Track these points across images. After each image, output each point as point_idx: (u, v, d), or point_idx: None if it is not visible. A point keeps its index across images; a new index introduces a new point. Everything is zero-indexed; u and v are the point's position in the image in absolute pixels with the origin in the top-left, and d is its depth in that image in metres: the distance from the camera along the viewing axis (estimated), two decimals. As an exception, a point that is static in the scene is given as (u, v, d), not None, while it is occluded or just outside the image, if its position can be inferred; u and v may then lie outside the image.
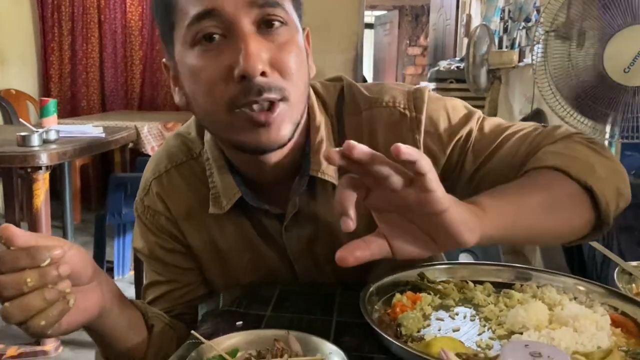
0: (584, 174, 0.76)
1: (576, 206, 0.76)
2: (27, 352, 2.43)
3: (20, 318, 0.61)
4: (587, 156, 0.79)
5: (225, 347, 0.65)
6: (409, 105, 0.89)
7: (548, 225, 0.74)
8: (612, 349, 0.66)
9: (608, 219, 0.78)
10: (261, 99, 0.73)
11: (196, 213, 0.91)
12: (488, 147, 0.87)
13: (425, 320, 0.76)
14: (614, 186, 0.78)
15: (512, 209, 0.69)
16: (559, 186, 0.76)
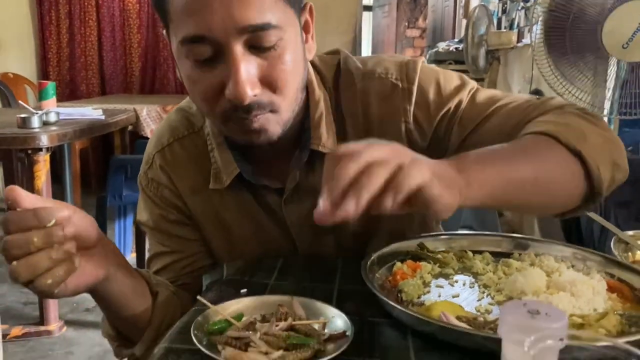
0: (574, 140, 0.73)
1: (566, 174, 0.74)
2: (30, 332, 2.45)
3: (27, 277, 0.63)
4: (580, 124, 0.77)
5: (230, 312, 0.67)
6: (401, 76, 0.89)
7: (536, 195, 0.73)
8: (607, 312, 0.68)
9: (600, 188, 0.75)
10: (251, 116, 0.76)
11: (199, 186, 0.92)
12: (476, 118, 0.86)
13: (425, 287, 0.78)
14: (608, 156, 0.76)
15: (498, 180, 0.67)
16: (549, 153, 0.74)
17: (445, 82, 0.90)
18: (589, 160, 0.73)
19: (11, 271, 0.63)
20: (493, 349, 0.57)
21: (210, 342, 0.61)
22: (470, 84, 0.91)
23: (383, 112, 0.89)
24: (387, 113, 0.89)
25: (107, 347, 2.53)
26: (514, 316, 0.52)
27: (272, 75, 0.76)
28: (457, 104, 0.88)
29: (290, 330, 0.63)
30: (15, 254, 0.62)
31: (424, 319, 0.64)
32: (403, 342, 0.65)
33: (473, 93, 0.89)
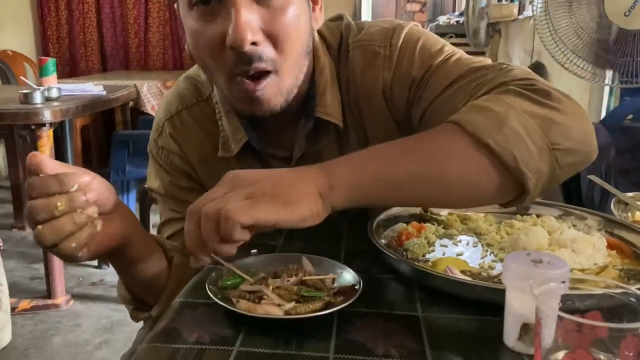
0: (483, 129, 0.65)
1: (468, 168, 0.66)
2: (38, 305, 2.49)
3: (52, 240, 0.64)
4: (510, 107, 0.67)
5: (242, 269, 0.69)
6: (384, 43, 0.89)
7: (428, 192, 0.67)
8: (607, 265, 0.70)
9: (524, 179, 0.65)
10: (251, 68, 0.76)
11: (209, 153, 0.94)
12: (438, 88, 0.82)
13: (430, 247, 0.80)
14: (540, 140, 0.65)
15: (369, 180, 0.65)
16: (446, 146, 0.67)
17: (423, 48, 0.87)
18: (499, 151, 0.64)
19: (36, 235, 0.65)
20: (496, 300, 0.59)
21: (225, 296, 0.63)
22: (447, 50, 0.87)
23: (366, 81, 0.89)
24: (369, 81, 0.89)
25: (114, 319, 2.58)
26: (518, 265, 0.54)
27: (274, 27, 0.75)
28: (425, 70, 0.85)
29: (301, 284, 0.65)
30: (40, 219, 0.64)
31: (430, 273, 0.66)
32: (410, 295, 0.67)
33: (445, 59, 0.85)
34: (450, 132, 0.68)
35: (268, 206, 0.60)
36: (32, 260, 2.94)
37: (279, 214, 0.60)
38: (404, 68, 0.87)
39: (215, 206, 0.60)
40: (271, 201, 0.60)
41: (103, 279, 2.78)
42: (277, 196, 0.61)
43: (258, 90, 0.78)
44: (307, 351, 0.55)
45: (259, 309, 0.60)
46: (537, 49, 3.18)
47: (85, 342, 2.25)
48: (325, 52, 0.91)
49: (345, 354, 0.54)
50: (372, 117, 0.90)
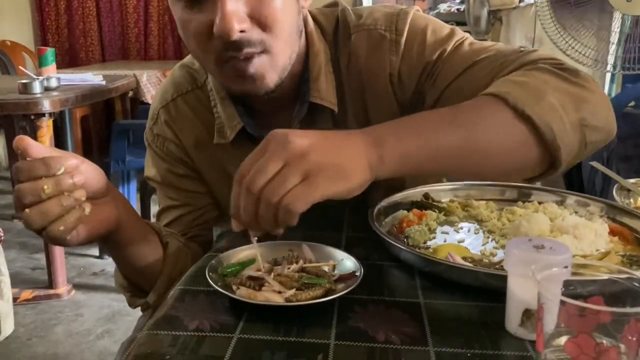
0: (524, 101, 0.67)
1: (509, 140, 0.68)
2: (40, 295, 2.50)
3: (40, 223, 0.64)
4: (544, 82, 0.71)
5: (243, 257, 0.69)
6: (390, 27, 0.88)
7: (470, 163, 0.68)
8: (609, 251, 0.70)
9: (558, 154, 0.68)
10: (241, 54, 0.75)
11: (204, 140, 0.93)
12: (456, 70, 0.83)
13: (431, 234, 0.80)
14: (574, 116, 0.69)
15: (417, 150, 0.65)
16: (489, 117, 0.68)
17: (433, 33, 0.87)
18: (539, 123, 0.67)
19: (24, 219, 0.65)
20: (498, 286, 0.59)
21: (225, 283, 0.63)
22: (458, 35, 0.88)
23: (371, 65, 0.89)
24: (374, 65, 0.89)
25: (115, 308, 2.59)
26: (520, 250, 0.54)
27: (261, 11, 0.75)
28: (437, 56, 0.85)
29: (302, 272, 0.65)
30: (27, 202, 0.64)
31: (431, 259, 0.66)
32: (411, 282, 0.67)
33: (458, 44, 0.86)
34: (492, 104, 0.69)
35: (324, 185, 0.59)
36: (34, 250, 2.94)
37: (333, 190, 0.60)
38: (415, 53, 0.87)
39: (274, 191, 0.58)
40: (326, 178, 0.59)
41: (104, 269, 2.78)
42: (331, 171, 0.60)
43: (250, 68, 0.77)
44: (308, 338, 0.54)
45: (259, 296, 0.59)
46: (538, 36, 3.15)
47: (87, 332, 2.25)
48: (320, 38, 0.91)
49: (346, 340, 0.54)
50: (376, 101, 0.89)
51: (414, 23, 0.88)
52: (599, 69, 1.71)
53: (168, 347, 0.53)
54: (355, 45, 0.90)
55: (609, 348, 0.42)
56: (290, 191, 0.58)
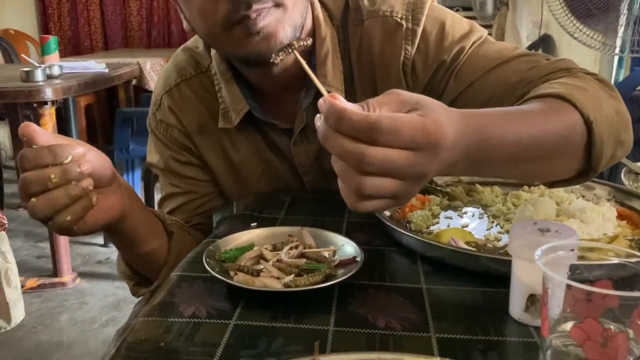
0: (590, 107, 0.65)
1: (570, 144, 0.65)
2: (45, 283, 2.50)
3: (46, 212, 0.63)
4: (598, 92, 0.69)
5: (241, 242, 0.67)
6: (406, 15, 0.86)
7: (532, 161, 0.63)
8: (617, 235, 0.68)
9: (597, 165, 0.67)
10: (252, 11, 0.72)
11: (208, 126, 0.92)
12: (477, 71, 0.80)
13: (434, 219, 0.78)
14: (615, 130, 0.67)
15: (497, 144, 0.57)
16: (561, 116, 0.64)
17: (452, 27, 0.85)
18: (596, 133, 0.64)
19: (30, 207, 0.63)
20: (502, 271, 0.57)
21: (222, 269, 0.61)
22: (477, 32, 0.85)
23: (385, 52, 0.86)
24: (388, 53, 0.86)
25: (120, 296, 2.59)
26: (525, 233, 0.52)
27: None
28: (456, 53, 0.83)
29: (301, 257, 0.63)
30: (34, 191, 0.62)
31: (433, 244, 0.65)
32: (413, 267, 0.65)
33: (479, 44, 0.83)
34: (560, 105, 0.65)
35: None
36: (39, 239, 2.95)
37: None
38: (432, 46, 0.84)
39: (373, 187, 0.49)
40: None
41: (109, 257, 2.78)
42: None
43: (261, 25, 0.73)
44: (306, 324, 0.53)
45: (257, 282, 0.58)
46: (545, 21, 3.12)
47: (92, 320, 2.26)
48: (327, 22, 0.89)
49: (346, 327, 0.53)
50: (387, 89, 0.87)
51: (432, 14, 0.86)
52: (607, 52, 1.68)
53: (163, 334, 0.52)
54: (369, 31, 0.87)
55: (616, 334, 0.40)
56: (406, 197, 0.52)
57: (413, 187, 0.50)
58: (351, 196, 0.50)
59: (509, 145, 0.58)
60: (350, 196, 0.51)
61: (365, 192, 0.49)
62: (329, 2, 0.91)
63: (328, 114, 0.48)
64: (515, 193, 0.84)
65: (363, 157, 0.47)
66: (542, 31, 3.20)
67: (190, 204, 0.95)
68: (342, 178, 0.50)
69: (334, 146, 0.49)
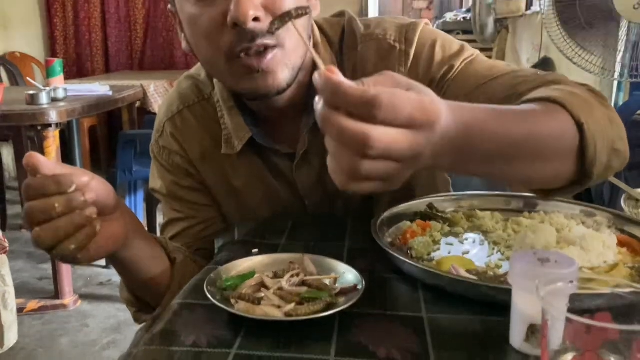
0: (579, 109, 0.64)
1: (560, 146, 0.65)
2: (46, 305, 2.49)
3: (50, 242, 0.63)
4: (588, 97, 0.69)
5: (242, 269, 0.68)
6: (400, 38, 0.88)
7: (521, 160, 0.62)
8: (618, 264, 0.68)
9: (592, 171, 0.65)
10: (255, 45, 0.73)
11: (210, 153, 0.93)
12: (466, 88, 0.80)
13: (435, 245, 0.78)
14: (609, 137, 0.67)
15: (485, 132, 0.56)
16: (548, 117, 0.64)
17: (442, 48, 0.86)
18: (588, 135, 0.64)
19: (34, 237, 0.63)
20: (503, 300, 0.57)
21: (224, 297, 0.62)
22: (467, 51, 0.86)
23: (379, 70, 0.88)
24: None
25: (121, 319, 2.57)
26: (524, 263, 0.53)
27: (276, 2, 0.73)
28: (446, 71, 0.84)
29: (302, 285, 0.64)
30: (38, 220, 0.63)
31: (434, 272, 0.65)
32: (414, 295, 0.65)
33: (469, 61, 0.84)
34: (551, 106, 0.65)
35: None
36: (41, 260, 2.94)
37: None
38: (422, 65, 0.86)
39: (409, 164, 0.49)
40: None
41: (111, 278, 2.77)
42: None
43: (263, 65, 0.75)
44: (307, 354, 0.53)
45: (258, 311, 0.58)
46: (545, 44, 3.14)
47: (93, 343, 2.25)
48: (327, 48, 0.90)
49: (347, 356, 0.53)
50: None
51: (423, 35, 0.87)
52: (606, 77, 1.70)
53: (164, 363, 0.52)
54: (363, 54, 0.89)
55: (617, 367, 0.40)
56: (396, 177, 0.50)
57: (407, 169, 0.50)
58: (343, 176, 0.49)
59: (497, 141, 0.57)
60: (342, 176, 0.49)
61: (361, 174, 0.47)
62: (327, 29, 0.92)
63: (324, 88, 0.47)
64: (516, 219, 0.85)
65: (368, 140, 0.45)
66: (543, 54, 3.22)
67: (193, 229, 0.96)
68: (335, 157, 0.49)
69: (333, 126, 0.47)
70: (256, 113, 0.90)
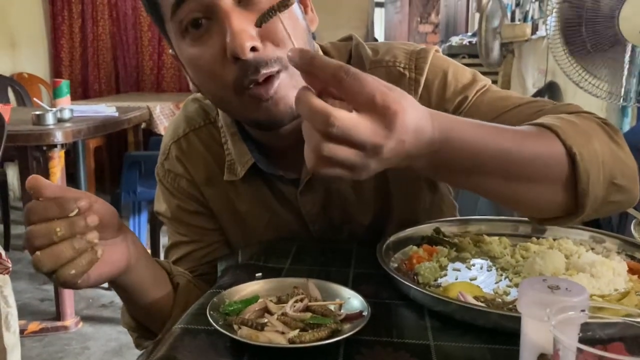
0: (573, 139, 0.64)
1: (550, 172, 0.64)
2: (48, 327, 2.47)
3: (50, 266, 0.62)
4: (591, 129, 0.68)
5: (246, 294, 0.66)
6: (409, 65, 0.87)
7: (506, 181, 0.63)
8: (629, 291, 0.67)
9: (584, 202, 0.64)
10: (260, 75, 0.72)
11: (215, 176, 0.92)
12: (483, 119, 0.76)
13: (442, 271, 0.77)
14: (608, 171, 0.65)
15: (467, 144, 0.58)
16: (538, 142, 0.64)
17: (454, 77, 0.85)
18: (581, 165, 0.63)
19: (35, 261, 0.62)
20: (512, 328, 0.56)
21: (226, 322, 0.61)
22: (480, 82, 0.85)
23: None
24: None
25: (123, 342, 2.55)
26: (534, 291, 0.51)
27: (271, 27, 0.71)
28: (459, 102, 0.83)
29: (307, 311, 0.62)
30: (39, 244, 0.62)
31: (442, 299, 0.63)
32: (420, 322, 0.64)
33: (482, 92, 0.83)
34: (544, 132, 0.65)
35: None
36: (43, 281, 2.93)
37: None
38: (435, 95, 0.85)
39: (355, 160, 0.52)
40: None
41: (113, 300, 2.76)
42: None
43: (272, 92, 0.74)
44: (311, 382, 0.52)
45: (261, 337, 0.57)
46: (551, 69, 3.16)
47: (94, 365, 2.22)
48: None
49: (352, 385, 0.51)
50: None
51: (435, 63, 0.86)
52: (613, 102, 1.69)
53: (165, 391, 0.51)
54: None
55: (631, 400, 0.39)
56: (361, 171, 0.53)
57: (369, 160, 0.53)
58: (311, 156, 0.53)
59: (475, 152, 0.59)
60: (311, 156, 0.53)
61: (324, 156, 0.51)
62: (333, 52, 0.92)
63: (301, 57, 0.52)
64: (524, 245, 0.84)
65: (329, 117, 0.50)
66: (548, 78, 3.23)
67: (197, 252, 0.95)
68: (306, 136, 0.53)
69: (304, 105, 0.51)
70: (259, 141, 0.89)
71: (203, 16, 0.72)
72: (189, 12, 0.72)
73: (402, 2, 8.83)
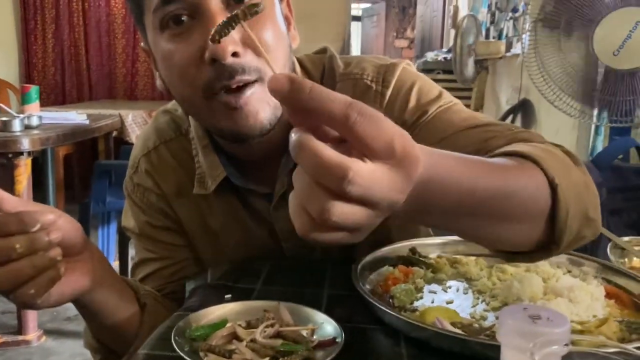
0: (555, 170, 0.59)
1: (532, 206, 0.58)
2: (9, 341, 2.38)
3: (8, 286, 0.58)
4: (565, 159, 0.65)
5: (214, 318, 0.63)
6: (377, 78, 0.85)
7: (490, 216, 0.55)
8: (608, 318, 0.65)
9: (560, 238, 0.59)
10: (234, 82, 0.70)
11: (186, 190, 0.89)
12: (435, 136, 0.76)
13: (418, 293, 0.75)
14: (583, 204, 0.62)
15: (451, 185, 0.49)
16: (525, 174, 0.58)
17: (419, 91, 0.83)
18: (561, 198, 0.58)
19: None
20: (490, 355, 0.54)
21: (192, 348, 0.57)
22: (445, 99, 0.82)
23: None
24: None
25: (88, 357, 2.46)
26: (515, 321, 0.49)
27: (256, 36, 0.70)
28: (418, 116, 0.81)
29: (277, 337, 0.60)
30: None
31: (418, 325, 0.61)
32: (396, 348, 0.61)
33: (444, 109, 0.81)
34: (526, 164, 0.59)
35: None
36: (5, 293, 2.84)
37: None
38: (397, 107, 0.83)
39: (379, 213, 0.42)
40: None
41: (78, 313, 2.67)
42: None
43: (242, 102, 0.71)
44: (281, 416, 0.49)
45: (229, 366, 0.54)
46: (525, 86, 3.19)
47: (56, 382, 2.15)
48: None
49: (324, 419, 0.49)
50: None
51: (402, 77, 0.85)
52: (585, 121, 1.71)
53: None
54: (340, 92, 0.86)
55: None
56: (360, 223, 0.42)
57: (378, 218, 0.43)
58: (307, 222, 0.41)
59: (459, 191, 0.49)
60: (306, 222, 0.41)
61: (331, 219, 0.39)
62: (308, 65, 0.90)
63: (293, 87, 0.41)
64: (501, 267, 0.82)
65: (347, 174, 0.38)
66: (522, 96, 3.27)
67: (166, 270, 0.91)
68: (304, 194, 0.41)
69: (309, 155, 0.39)
70: (232, 154, 0.86)
71: (187, 13, 0.70)
72: (175, 8, 0.70)
73: (379, 17, 8.91)
